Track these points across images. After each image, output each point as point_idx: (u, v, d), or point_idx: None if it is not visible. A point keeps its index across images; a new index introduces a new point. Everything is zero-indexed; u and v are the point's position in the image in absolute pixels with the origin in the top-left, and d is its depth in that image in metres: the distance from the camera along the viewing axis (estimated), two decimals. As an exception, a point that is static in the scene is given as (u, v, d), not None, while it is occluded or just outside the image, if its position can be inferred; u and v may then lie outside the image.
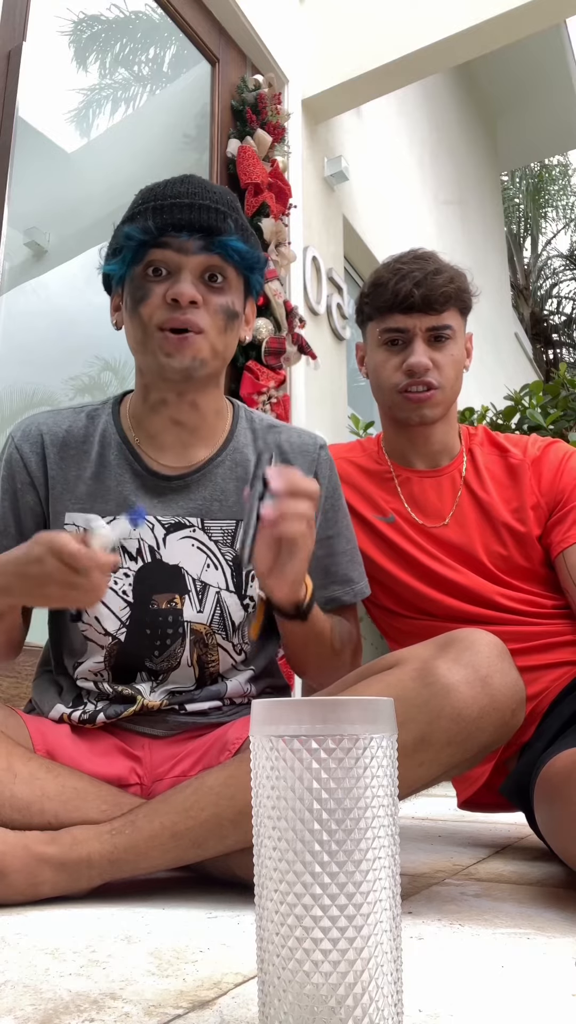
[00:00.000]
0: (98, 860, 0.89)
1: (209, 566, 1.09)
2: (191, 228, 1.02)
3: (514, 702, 0.90)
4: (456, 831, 1.61)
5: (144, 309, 1.03)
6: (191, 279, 1.02)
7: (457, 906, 0.91)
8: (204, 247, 1.02)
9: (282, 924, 0.46)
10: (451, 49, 3.27)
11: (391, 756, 0.49)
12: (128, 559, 1.08)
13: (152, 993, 0.59)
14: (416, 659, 0.90)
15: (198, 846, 0.90)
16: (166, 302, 1.02)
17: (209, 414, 1.13)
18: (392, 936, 0.47)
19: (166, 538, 1.09)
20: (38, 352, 2.56)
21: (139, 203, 1.07)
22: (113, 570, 0.88)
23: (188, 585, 1.08)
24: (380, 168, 4.37)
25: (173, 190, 1.05)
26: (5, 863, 0.86)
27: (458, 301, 1.30)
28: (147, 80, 3.44)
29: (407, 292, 1.26)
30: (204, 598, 1.09)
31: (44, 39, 2.49)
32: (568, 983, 0.64)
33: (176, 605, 1.08)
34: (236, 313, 1.07)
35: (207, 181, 1.09)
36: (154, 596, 1.08)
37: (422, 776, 0.87)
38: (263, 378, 2.69)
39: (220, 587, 1.09)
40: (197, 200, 1.03)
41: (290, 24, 3.45)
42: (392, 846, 0.48)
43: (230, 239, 1.03)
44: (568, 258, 13.32)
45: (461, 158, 6.36)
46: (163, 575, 1.08)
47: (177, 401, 1.09)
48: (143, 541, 1.08)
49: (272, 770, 0.48)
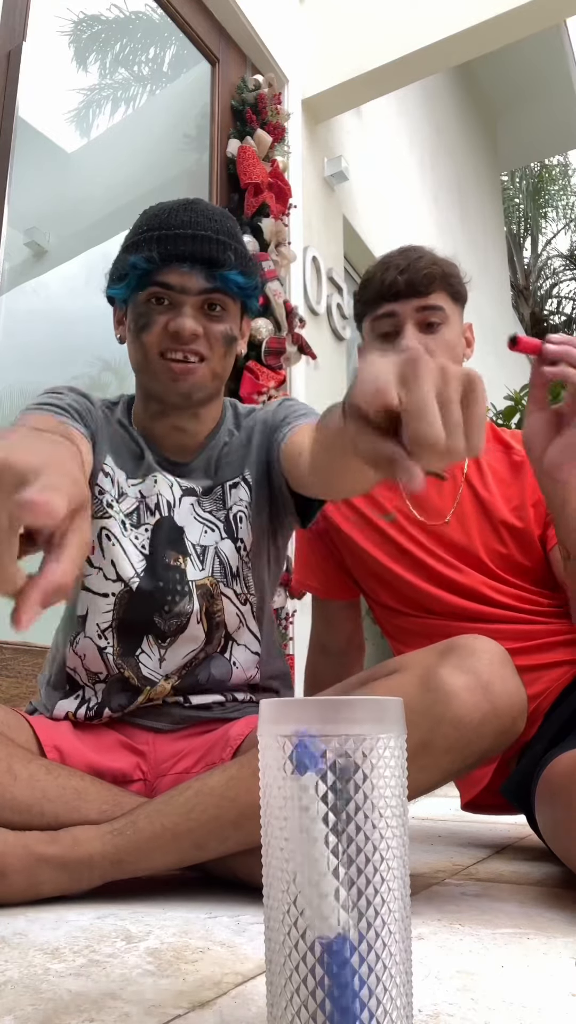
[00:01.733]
0: (99, 861, 0.89)
1: (205, 532, 1.15)
2: (193, 260, 1.06)
3: (516, 709, 0.90)
4: (456, 831, 1.61)
5: (147, 337, 1.08)
6: (192, 312, 1.07)
7: (457, 906, 0.91)
8: (205, 281, 1.07)
9: (291, 925, 0.46)
10: (451, 49, 3.28)
11: (399, 757, 0.49)
12: (148, 514, 1.13)
13: (152, 993, 0.59)
14: (418, 665, 0.90)
15: (199, 848, 0.90)
16: (168, 332, 1.07)
17: (208, 420, 1.19)
18: (401, 939, 0.47)
19: (181, 499, 1.15)
20: (38, 352, 2.56)
21: (143, 229, 1.10)
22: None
23: (189, 548, 1.13)
24: (380, 168, 4.37)
25: (177, 219, 1.08)
26: (5, 863, 0.86)
27: (445, 284, 1.28)
28: (147, 80, 3.44)
29: (392, 280, 1.27)
30: (204, 558, 1.14)
31: (44, 39, 2.49)
32: (568, 983, 0.64)
33: (181, 564, 1.12)
34: (235, 338, 1.13)
35: (209, 207, 1.12)
36: (168, 551, 1.12)
37: (423, 781, 0.87)
38: (263, 378, 2.69)
39: (216, 542, 1.14)
40: (200, 231, 1.07)
41: (290, 24, 3.45)
42: (401, 847, 0.48)
43: (231, 273, 1.07)
44: (568, 258, 13.32)
45: (461, 158, 6.36)
46: (173, 533, 1.13)
47: (179, 414, 1.15)
48: (162, 497, 1.13)
49: (279, 770, 0.48)
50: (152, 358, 1.09)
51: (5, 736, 0.97)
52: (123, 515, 1.12)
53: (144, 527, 1.13)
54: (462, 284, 1.33)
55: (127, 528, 1.12)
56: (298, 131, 3.36)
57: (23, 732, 1.03)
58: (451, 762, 0.88)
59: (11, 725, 1.02)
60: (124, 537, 1.11)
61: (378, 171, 4.33)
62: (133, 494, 1.14)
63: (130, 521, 1.13)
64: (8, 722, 1.02)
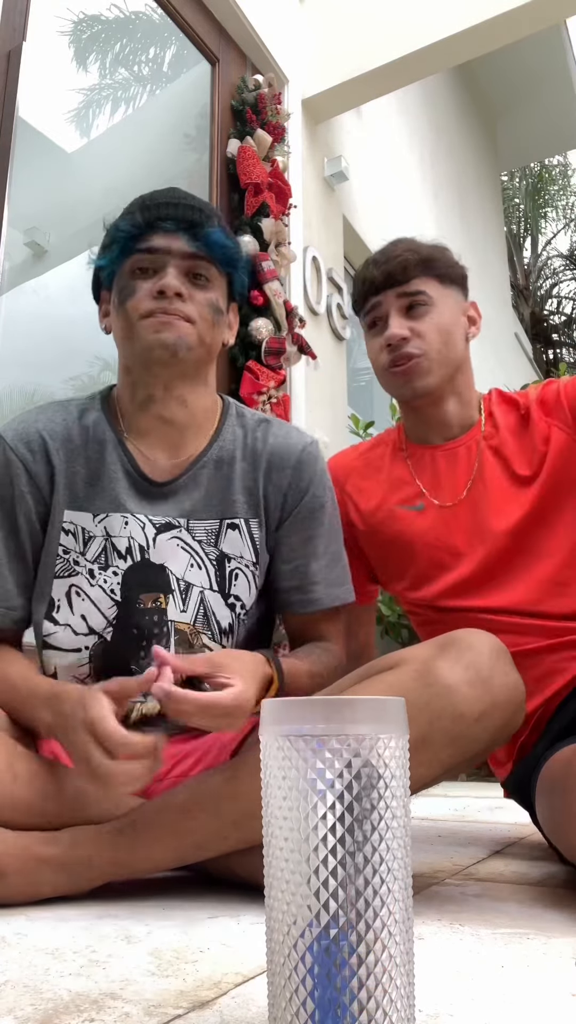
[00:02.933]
0: (99, 861, 0.89)
1: (193, 566, 1.09)
2: (176, 221, 1.07)
3: (514, 703, 0.90)
4: (456, 831, 1.61)
5: (131, 303, 1.07)
6: (176, 274, 1.06)
7: (457, 906, 0.91)
8: (188, 241, 1.07)
9: (291, 925, 0.46)
10: (451, 49, 3.28)
11: (400, 756, 0.49)
12: (118, 557, 1.07)
13: (152, 993, 0.59)
14: (416, 659, 0.90)
15: (199, 847, 0.90)
16: (152, 296, 1.06)
17: (198, 412, 1.13)
18: (401, 940, 0.47)
19: (156, 538, 1.08)
20: (38, 352, 2.56)
21: (127, 209, 1.12)
22: (142, 780, 0.85)
23: (172, 584, 1.08)
24: (380, 168, 4.37)
25: (161, 194, 1.11)
26: (5, 863, 0.86)
27: (424, 268, 1.27)
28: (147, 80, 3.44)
29: (371, 275, 1.29)
30: (188, 597, 1.08)
31: (44, 39, 2.49)
32: (568, 983, 0.64)
33: (161, 604, 1.07)
34: (221, 309, 1.11)
35: (193, 194, 1.15)
36: (141, 595, 1.07)
37: (422, 776, 0.87)
38: (263, 378, 2.69)
39: (203, 586, 1.09)
40: (182, 200, 1.09)
41: (290, 24, 3.45)
42: (403, 848, 0.48)
43: (213, 232, 1.08)
44: (568, 258, 13.31)
45: (461, 158, 6.36)
46: (150, 574, 1.08)
47: (164, 396, 1.10)
48: (134, 540, 1.07)
49: (281, 770, 0.48)
50: (135, 321, 1.06)
51: (5, 735, 0.97)
52: (90, 563, 1.07)
53: (112, 570, 1.07)
54: (450, 266, 1.31)
55: (95, 575, 1.06)
56: (298, 131, 3.36)
57: (23, 732, 1.03)
58: (451, 756, 0.88)
59: (10, 726, 1.01)
60: (93, 587, 1.06)
61: (378, 171, 4.33)
62: (100, 533, 1.07)
63: (98, 565, 1.07)
64: (8, 723, 1.02)
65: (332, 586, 1.16)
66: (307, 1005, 0.45)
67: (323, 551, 1.16)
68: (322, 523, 1.16)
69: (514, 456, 1.25)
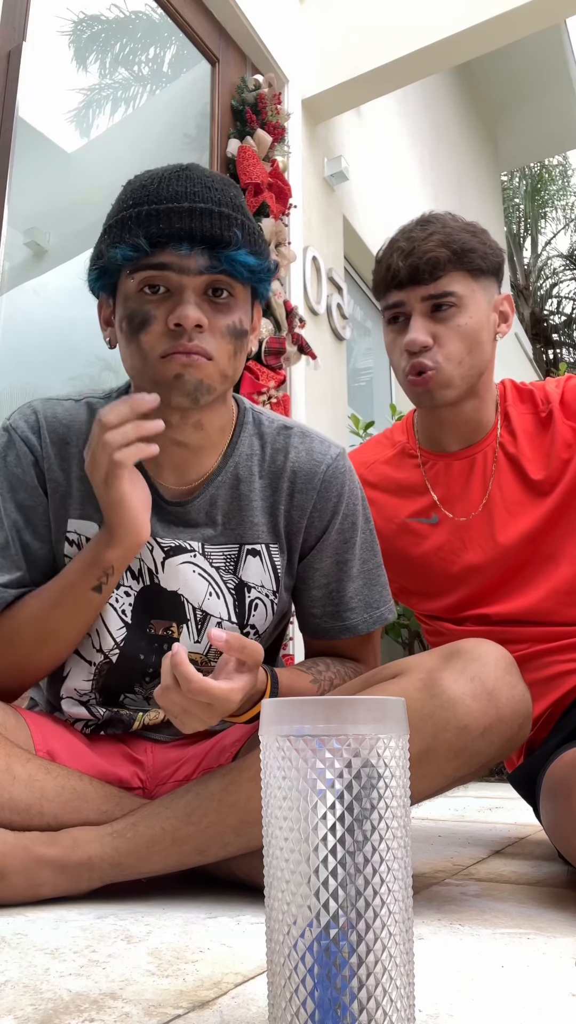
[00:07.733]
0: (99, 863, 0.89)
1: (211, 595, 1.03)
2: (192, 239, 0.89)
3: (520, 716, 0.88)
4: (456, 831, 1.61)
5: (145, 337, 0.92)
6: (194, 299, 0.91)
7: (457, 906, 0.91)
8: (209, 265, 0.91)
9: (291, 925, 0.46)
10: (451, 49, 3.27)
11: (400, 757, 0.49)
12: (131, 577, 1.02)
13: (152, 993, 0.59)
14: (421, 669, 0.88)
15: (200, 852, 0.90)
16: (168, 328, 0.91)
17: (213, 432, 1.03)
18: (401, 940, 0.47)
19: (164, 562, 1.01)
20: (38, 352, 2.56)
21: (129, 204, 0.93)
22: None
23: (188, 614, 1.03)
24: (380, 168, 4.37)
25: (169, 189, 0.91)
26: (5, 864, 0.86)
27: (458, 263, 1.15)
28: (147, 80, 3.43)
29: (396, 267, 1.18)
30: (203, 629, 1.03)
31: (44, 39, 2.49)
32: (568, 983, 0.64)
33: (172, 634, 1.03)
34: (244, 331, 0.96)
35: (207, 173, 0.96)
36: (152, 621, 1.03)
37: (424, 788, 0.86)
38: (263, 378, 2.69)
39: (221, 617, 1.03)
40: (198, 204, 0.90)
41: (290, 24, 3.45)
42: (403, 848, 0.48)
43: (238, 254, 0.91)
44: (568, 258, 13.31)
45: (461, 158, 6.35)
46: (163, 601, 1.02)
47: (180, 423, 0.98)
48: (142, 562, 1.02)
49: (280, 770, 0.48)
50: (151, 360, 0.92)
51: (4, 737, 0.97)
52: None
53: (124, 589, 1.02)
54: (485, 257, 1.18)
55: None
56: (298, 131, 3.36)
57: (22, 732, 1.03)
58: (455, 769, 0.86)
59: (10, 726, 1.01)
60: (105, 604, 1.01)
61: (378, 171, 4.33)
62: None
63: None
64: (7, 723, 1.01)
65: (370, 608, 1.09)
66: (307, 1005, 0.45)
67: (358, 572, 1.08)
68: (354, 543, 1.08)
69: (530, 462, 1.21)
